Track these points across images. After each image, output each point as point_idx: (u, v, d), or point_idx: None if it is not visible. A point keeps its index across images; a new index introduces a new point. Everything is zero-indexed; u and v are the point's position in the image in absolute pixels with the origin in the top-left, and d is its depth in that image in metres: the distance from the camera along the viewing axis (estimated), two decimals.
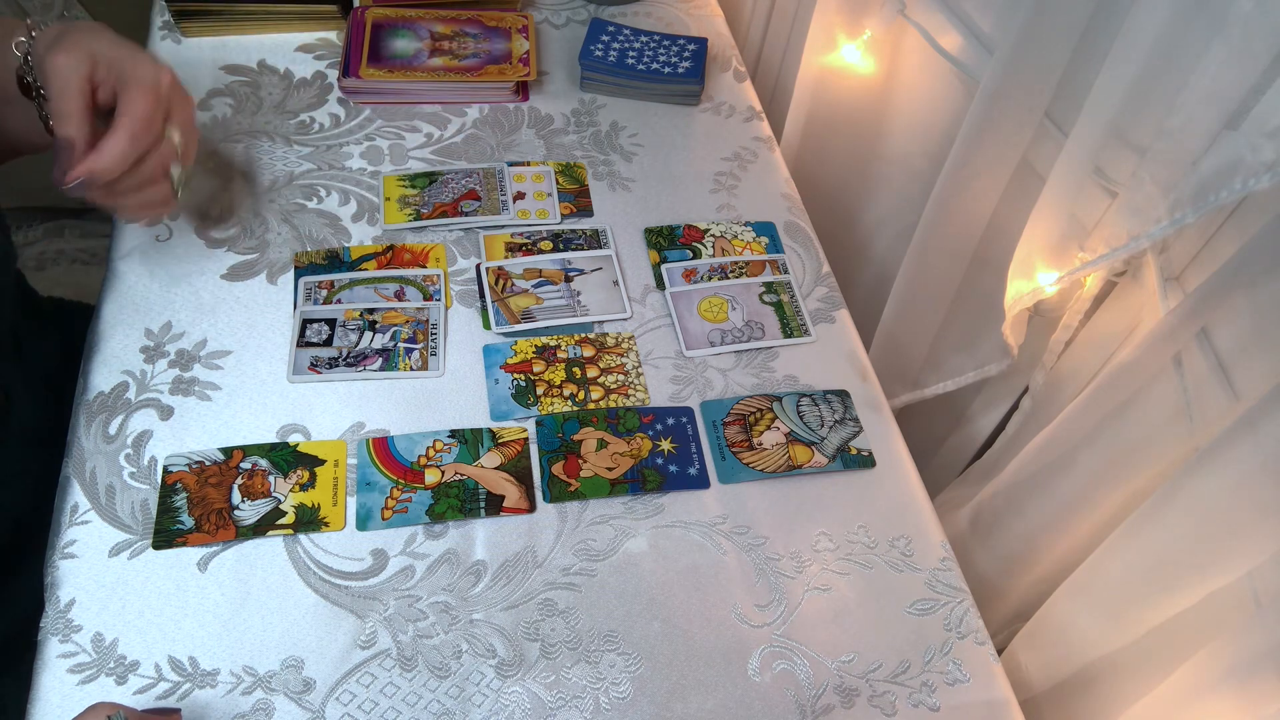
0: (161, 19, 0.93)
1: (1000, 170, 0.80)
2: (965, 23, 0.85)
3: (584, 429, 0.71)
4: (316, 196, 0.82)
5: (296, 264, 0.77)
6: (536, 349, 0.75)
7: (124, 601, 0.60)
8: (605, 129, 0.92)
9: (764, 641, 0.64)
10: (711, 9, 1.07)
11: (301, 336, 0.73)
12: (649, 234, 0.84)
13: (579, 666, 0.61)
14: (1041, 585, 0.80)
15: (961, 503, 0.91)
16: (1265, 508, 0.52)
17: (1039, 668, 0.75)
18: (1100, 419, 0.71)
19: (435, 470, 0.68)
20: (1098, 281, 0.75)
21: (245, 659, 0.59)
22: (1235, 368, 0.62)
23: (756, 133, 0.95)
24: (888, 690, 0.63)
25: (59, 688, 0.57)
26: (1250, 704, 0.52)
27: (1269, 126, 0.56)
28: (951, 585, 0.67)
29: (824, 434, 0.73)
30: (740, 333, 0.78)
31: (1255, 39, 0.54)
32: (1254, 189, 0.54)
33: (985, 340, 0.91)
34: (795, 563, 0.67)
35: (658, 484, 0.69)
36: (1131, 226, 0.65)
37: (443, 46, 0.92)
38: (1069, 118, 0.73)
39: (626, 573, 0.65)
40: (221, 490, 0.65)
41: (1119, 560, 0.65)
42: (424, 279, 0.78)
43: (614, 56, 0.94)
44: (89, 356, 0.71)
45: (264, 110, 0.88)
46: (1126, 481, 0.70)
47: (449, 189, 0.84)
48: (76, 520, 0.63)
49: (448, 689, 0.60)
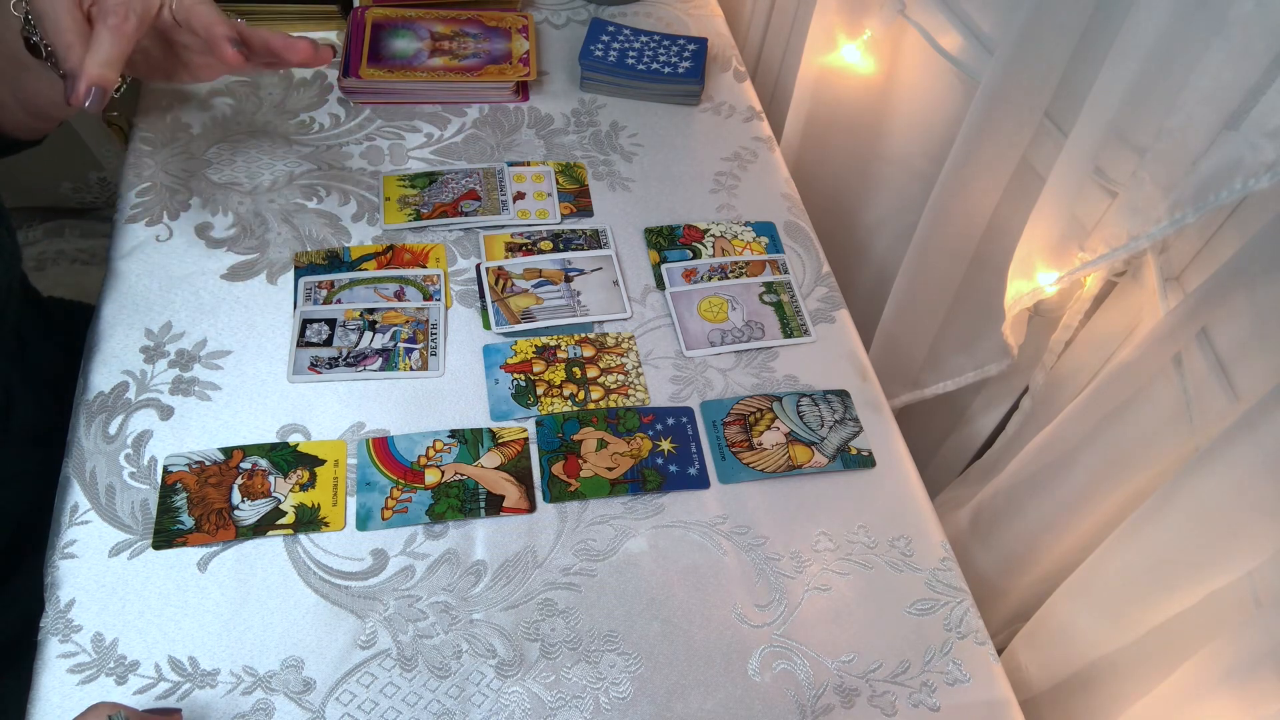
0: None
1: (1000, 170, 0.80)
2: (965, 23, 0.85)
3: (584, 429, 0.71)
4: (316, 196, 0.82)
5: (296, 264, 0.77)
6: (536, 349, 0.75)
7: (124, 601, 0.60)
8: (605, 129, 0.92)
9: (764, 641, 0.64)
10: (711, 9, 1.07)
11: (301, 336, 0.73)
12: (649, 234, 0.84)
13: (579, 666, 0.61)
14: (1041, 585, 0.80)
15: (961, 503, 0.91)
16: (1265, 508, 0.52)
17: (1039, 668, 0.75)
18: (1100, 419, 0.71)
19: (435, 470, 0.68)
20: (1098, 281, 0.75)
21: (245, 659, 0.59)
22: (1235, 368, 0.62)
23: (756, 133, 0.95)
24: (888, 690, 0.63)
25: (59, 688, 0.57)
26: (1250, 704, 0.52)
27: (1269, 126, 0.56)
28: (951, 585, 0.67)
29: (824, 434, 0.73)
30: (740, 333, 0.78)
31: (1255, 39, 0.54)
32: (1254, 189, 0.54)
33: (985, 340, 0.91)
34: (795, 563, 0.67)
35: (658, 484, 0.69)
36: (1131, 226, 0.65)
37: (443, 46, 0.92)
38: (1069, 118, 0.73)
39: (626, 573, 0.65)
40: (221, 490, 0.65)
41: (1119, 560, 0.65)
42: (424, 279, 0.78)
43: (614, 56, 0.94)
44: (89, 356, 0.71)
45: (264, 110, 0.88)
46: (1126, 481, 0.70)
47: (449, 189, 0.84)
48: (76, 520, 0.63)
49: (448, 689, 0.60)
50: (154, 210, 0.79)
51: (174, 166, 0.82)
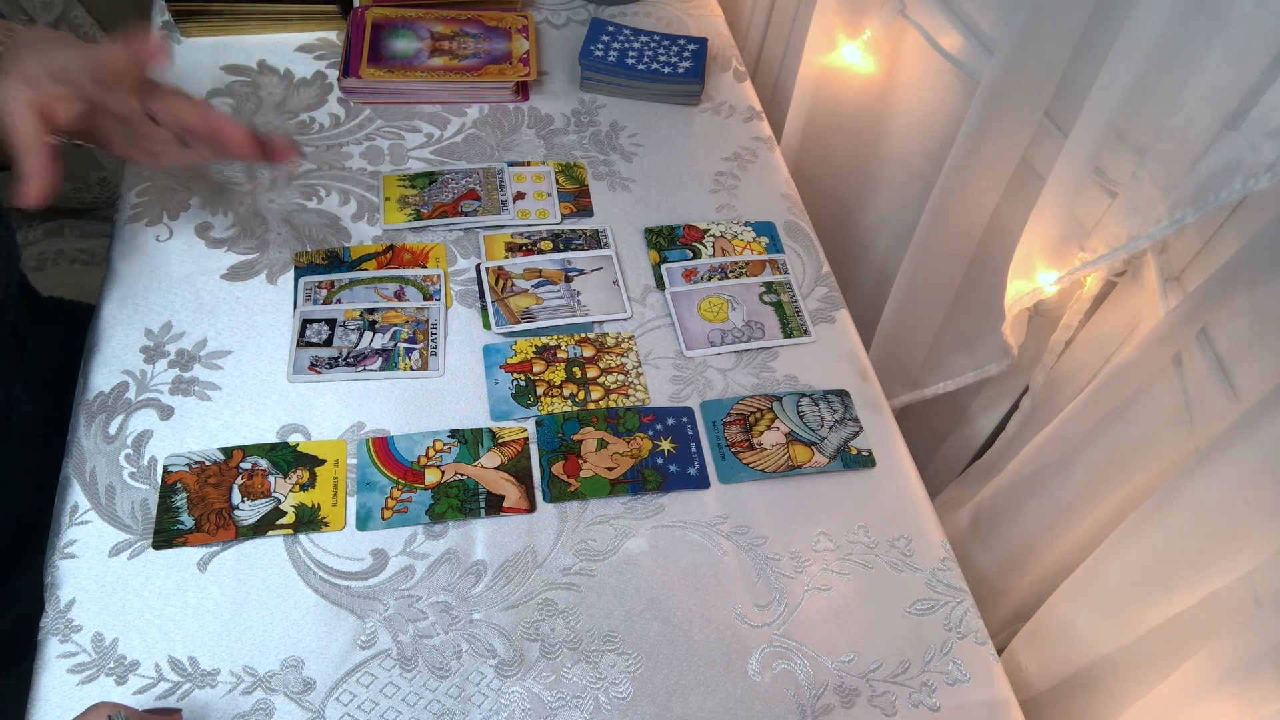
0: (161, 19, 0.93)
1: (1000, 170, 0.80)
2: (965, 23, 0.85)
3: (584, 429, 0.71)
4: (316, 196, 0.82)
5: (296, 264, 0.77)
6: (536, 349, 0.75)
7: (124, 601, 0.60)
8: (605, 129, 0.92)
9: (764, 641, 0.64)
10: (711, 9, 1.07)
11: (301, 336, 0.73)
12: (649, 234, 0.84)
13: (579, 666, 0.61)
14: (1041, 585, 0.80)
15: (961, 503, 0.91)
16: (1265, 508, 0.52)
17: (1039, 668, 0.75)
18: (1100, 419, 0.71)
19: (435, 470, 0.68)
20: (1098, 281, 0.75)
21: (245, 659, 0.59)
22: (1235, 368, 0.62)
23: (756, 133, 0.95)
24: (888, 690, 0.63)
25: (59, 688, 0.57)
26: (1250, 704, 0.52)
27: (1269, 126, 0.56)
28: (951, 585, 0.67)
29: (824, 434, 0.73)
30: (740, 333, 0.78)
31: (1255, 39, 0.54)
32: (1254, 189, 0.54)
33: (985, 340, 0.91)
34: (795, 563, 0.67)
35: (658, 484, 0.69)
36: (1131, 226, 0.65)
37: (443, 46, 0.92)
38: (1069, 118, 0.73)
39: (626, 573, 0.65)
40: (221, 490, 0.65)
41: (1119, 560, 0.65)
42: (424, 279, 0.78)
43: (614, 56, 0.94)
44: (89, 356, 0.71)
45: (264, 110, 0.88)
46: (1126, 481, 0.70)
47: (449, 189, 0.84)
48: (76, 520, 0.63)
49: (448, 689, 0.60)
50: (154, 210, 0.79)
51: (174, 167, 0.82)
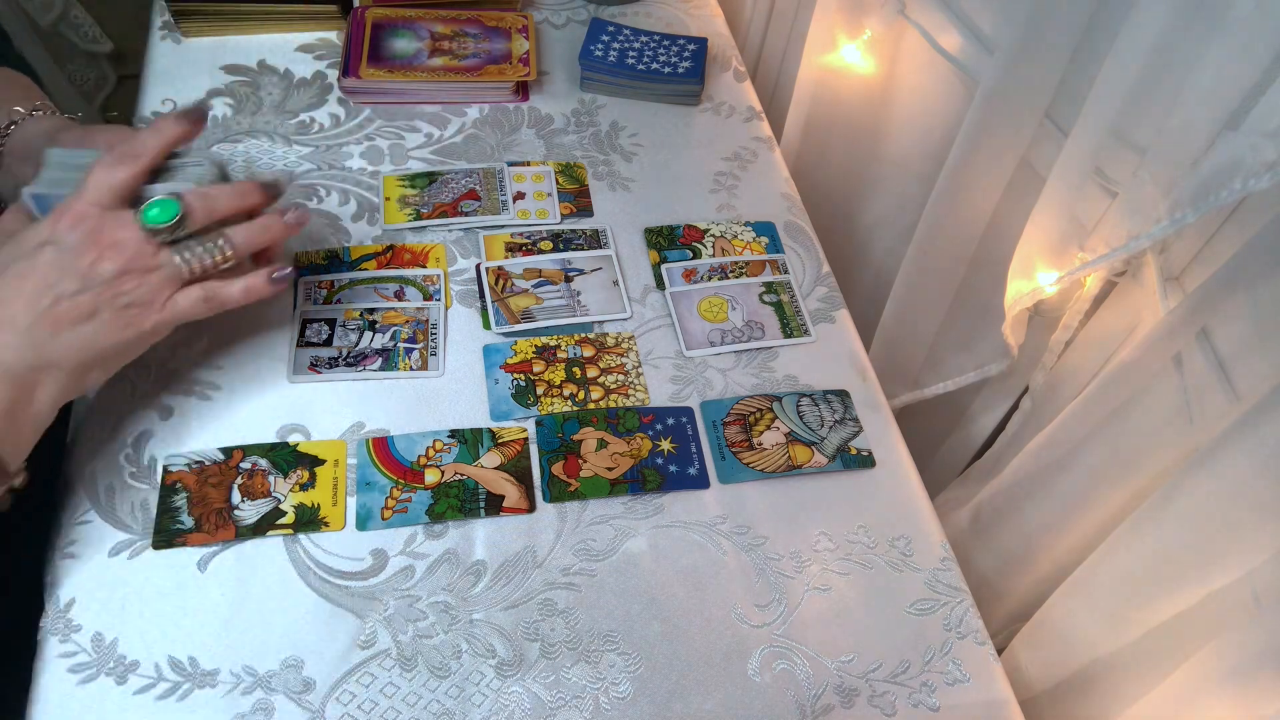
0: (161, 19, 0.93)
1: (1000, 170, 0.80)
2: (965, 23, 0.85)
3: (584, 429, 0.71)
4: (316, 196, 0.82)
5: (296, 264, 0.77)
6: (536, 349, 0.75)
7: (124, 601, 0.60)
8: (605, 129, 0.92)
9: (764, 641, 0.64)
10: (711, 9, 1.07)
11: (301, 336, 0.73)
12: (649, 234, 0.84)
13: (579, 666, 0.61)
14: (1041, 585, 0.80)
15: (961, 503, 0.91)
16: (1265, 508, 0.52)
17: (1039, 668, 0.75)
18: (1100, 419, 0.71)
19: (435, 470, 0.68)
20: (1098, 281, 0.75)
21: (245, 659, 0.59)
22: (1235, 368, 0.62)
23: (756, 133, 0.95)
24: (888, 690, 0.63)
25: (59, 687, 0.57)
26: (1250, 704, 0.52)
27: (1269, 126, 0.56)
28: (951, 585, 0.67)
29: (824, 434, 0.73)
30: (740, 333, 0.78)
31: (1255, 39, 0.54)
32: (1254, 189, 0.54)
33: (985, 340, 0.91)
34: (795, 563, 0.67)
35: (658, 484, 0.69)
36: (1131, 226, 0.65)
37: (443, 46, 0.92)
38: (1069, 118, 0.73)
39: (626, 573, 0.65)
40: (221, 490, 0.65)
41: (1119, 560, 0.65)
42: (424, 279, 0.78)
43: (614, 56, 0.94)
44: None
45: (264, 110, 0.88)
46: (1126, 481, 0.70)
47: (449, 189, 0.84)
48: (76, 520, 0.63)
49: (448, 689, 0.59)
50: None
51: None
